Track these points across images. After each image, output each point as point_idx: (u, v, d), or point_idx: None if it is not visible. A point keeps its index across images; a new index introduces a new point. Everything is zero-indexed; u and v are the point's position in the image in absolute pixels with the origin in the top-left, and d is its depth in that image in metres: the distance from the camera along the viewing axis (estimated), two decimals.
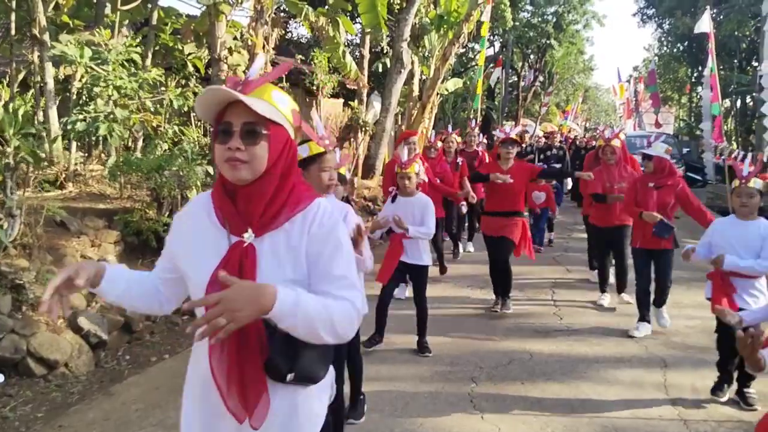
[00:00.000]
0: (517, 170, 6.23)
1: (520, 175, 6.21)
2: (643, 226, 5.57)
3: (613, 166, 6.56)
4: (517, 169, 6.26)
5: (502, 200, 6.19)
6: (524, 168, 6.43)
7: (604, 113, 61.16)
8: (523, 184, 6.31)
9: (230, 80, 1.59)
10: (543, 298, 7.11)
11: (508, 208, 6.20)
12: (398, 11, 13.67)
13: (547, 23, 28.85)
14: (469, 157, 9.00)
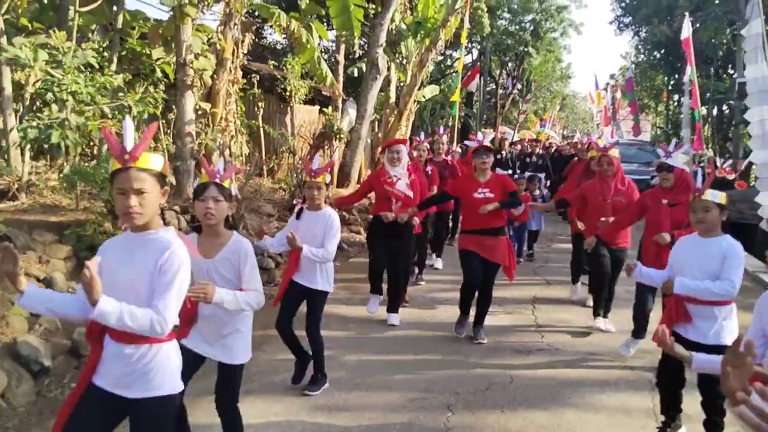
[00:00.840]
0: (494, 183, 5.64)
1: (499, 187, 5.62)
2: (655, 251, 4.88)
3: (609, 178, 5.94)
4: (494, 181, 5.66)
5: (482, 216, 5.50)
6: (501, 180, 5.78)
7: (581, 121, 61.48)
8: (504, 196, 5.72)
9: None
10: (523, 313, 6.78)
11: (492, 224, 5.58)
12: (373, 16, 13.34)
13: (524, 31, 28.83)
14: (438, 166, 8.29)
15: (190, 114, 8.83)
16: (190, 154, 8.74)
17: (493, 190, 5.55)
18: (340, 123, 13.09)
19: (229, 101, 10.35)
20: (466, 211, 5.82)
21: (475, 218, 5.58)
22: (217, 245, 3.08)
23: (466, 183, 5.77)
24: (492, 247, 5.62)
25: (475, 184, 5.62)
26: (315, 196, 4.46)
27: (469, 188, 5.63)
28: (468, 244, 5.68)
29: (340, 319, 6.29)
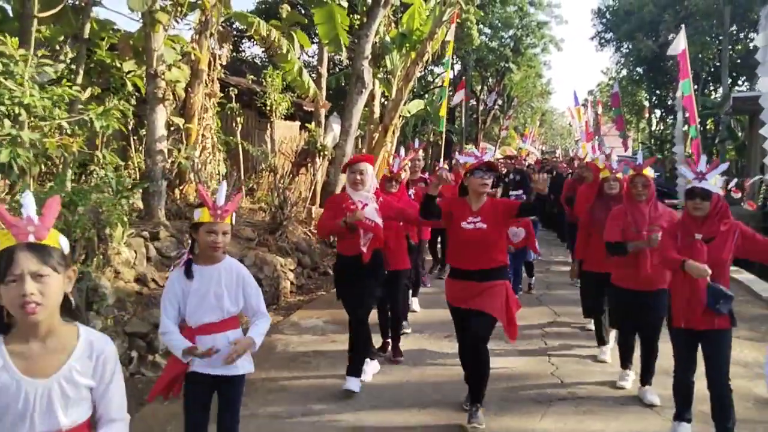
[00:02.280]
0: (489, 211, 4.30)
1: (497, 216, 4.30)
2: (687, 294, 3.91)
3: (642, 204, 4.78)
4: (490, 209, 4.31)
5: (473, 254, 4.25)
6: (501, 206, 4.40)
7: (559, 137, 61.66)
8: (502, 229, 4.44)
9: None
10: (535, 350, 6.09)
11: (484, 265, 4.24)
12: (358, 27, 12.70)
13: (505, 47, 28.58)
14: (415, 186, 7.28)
15: (162, 130, 8.06)
16: (161, 174, 7.97)
17: (486, 219, 4.25)
18: (324, 139, 12.39)
19: (205, 116, 9.60)
20: (452, 245, 4.53)
21: (461, 255, 4.34)
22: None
23: (454, 207, 4.43)
24: (476, 295, 4.25)
25: (465, 210, 4.33)
26: (218, 243, 3.11)
27: (458, 215, 4.33)
28: (454, 296, 4.43)
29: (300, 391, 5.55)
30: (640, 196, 4.81)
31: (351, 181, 4.89)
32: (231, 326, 3.18)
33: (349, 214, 4.92)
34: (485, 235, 4.24)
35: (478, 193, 4.31)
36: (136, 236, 6.76)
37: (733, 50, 24.30)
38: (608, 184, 5.62)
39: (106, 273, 5.76)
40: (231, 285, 3.16)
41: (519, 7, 28.01)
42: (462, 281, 4.34)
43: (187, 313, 3.13)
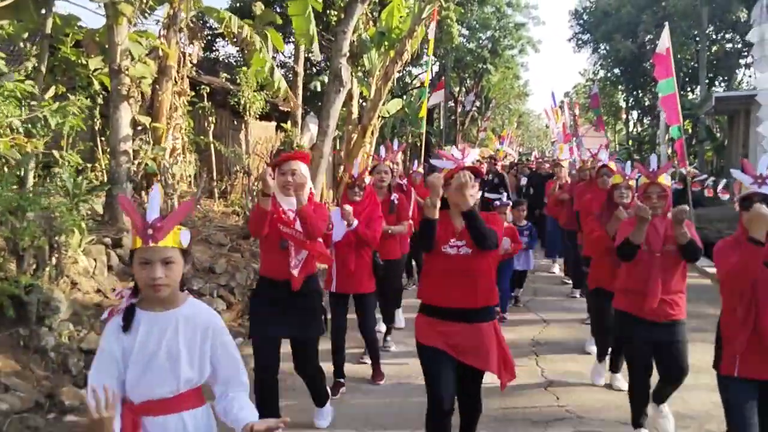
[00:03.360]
0: None
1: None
2: (747, 336, 2.99)
3: (657, 218, 3.86)
4: None
5: (456, 288, 3.26)
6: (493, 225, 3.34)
7: (536, 138, 61.85)
8: (492, 257, 3.41)
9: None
10: (526, 365, 5.69)
11: (470, 302, 3.26)
12: (336, 23, 12.29)
13: (483, 48, 28.41)
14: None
15: (127, 129, 7.56)
16: (126, 176, 7.47)
17: (472, 243, 3.27)
18: (300, 139, 11.94)
19: (175, 115, 9.12)
20: (428, 276, 3.45)
21: (440, 289, 3.31)
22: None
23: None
24: (471, 343, 3.26)
25: (447, 229, 3.31)
26: (156, 280, 2.07)
27: (437, 236, 3.26)
28: (429, 336, 3.34)
29: None
30: (655, 210, 3.85)
31: (280, 184, 3.78)
32: (190, 404, 2.21)
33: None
34: (471, 264, 3.24)
35: (458, 206, 3.22)
36: (96, 243, 6.27)
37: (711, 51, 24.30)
38: (619, 192, 4.78)
39: (60, 284, 5.26)
40: (194, 342, 2.19)
41: (496, 8, 27.84)
42: (439, 322, 3.30)
43: (127, 382, 2.13)
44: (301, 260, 3.83)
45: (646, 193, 3.93)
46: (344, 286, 4.93)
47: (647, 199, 3.89)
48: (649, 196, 3.90)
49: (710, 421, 4.38)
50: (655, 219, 3.84)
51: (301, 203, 3.68)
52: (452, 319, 3.27)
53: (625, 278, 4.06)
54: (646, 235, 3.80)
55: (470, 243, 3.24)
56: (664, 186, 3.93)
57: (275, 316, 3.80)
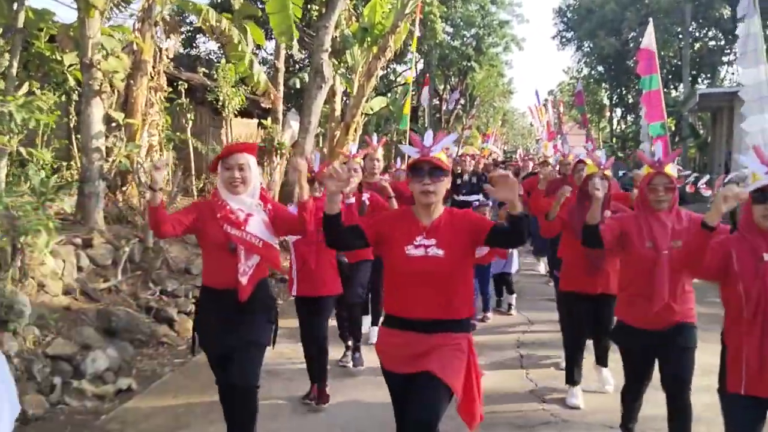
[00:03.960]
0: (450, 228, 2.85)
1: (460, 237, 2.84)
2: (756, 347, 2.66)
3: (662, 214, 3.48)
4: (449, 225, 2.86)
5: (423, 296, 2.78)
6: (465, 222, 2.90)
7: (521, 136, 61.95)
8: (467, 259, 2.90)
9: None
10: (510, 365, 5.56)
11: (439, 312, 2.78)
12: (317, 18, 12.09)
13: (467, 46, 28.35)
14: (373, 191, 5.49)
15: (99, 125, 7.34)
16: (99, 174, 7.24)
17: (444, 242, 2.79)
18: (281, 136, 11.73)
19: (151, 112, 8.88)
20: (390, 281, 2.94)
21: (405, 296, 2.82)
22: None
23: (392, 224, 2.94)
24: (434, 354, 2.74)
25: (411, 227, 2.85)
26: None
27: (399, 235, 2.85)
28: (392, 356, 2.87)
29: None
30: (661, 204, 3.46)
31: (226, 180, 3.33)
32: None
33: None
34: (442, 267, 2.76)
35: (425, 204, 2.82)
36: (65, 244, 6.04)
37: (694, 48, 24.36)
38: (593, 183, 4.14)
39: (25, 287, 5.04)
40: None
41: (481, 6, 27.77)
42: (405, 334, 2.80)
43: None
44: (252, 266, 3.33)
45: (650, 185, 3.48)
46: (306, 288, 4.48)
47: (653, 192, 3.47)
48: (655, 189, 3.46)
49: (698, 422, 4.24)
50: (662, 214, 3.48)
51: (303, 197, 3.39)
52: (419, 331, 2.77)
53: (627, 282, 3.64)
54: (651, 231, 3.46)
55: (441, 242, 2.78)
56: (672, 177, 3.51)
57: (222, 332, 3.32)
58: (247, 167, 3.35)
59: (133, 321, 5.82)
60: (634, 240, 3.51)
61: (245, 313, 3.32)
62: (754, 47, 6.96)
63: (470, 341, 2.85)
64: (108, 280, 6.27)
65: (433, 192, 2.78)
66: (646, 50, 12.98)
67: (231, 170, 3.31)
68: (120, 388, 4.94)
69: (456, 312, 2.81)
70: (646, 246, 3.46)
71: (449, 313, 2.80)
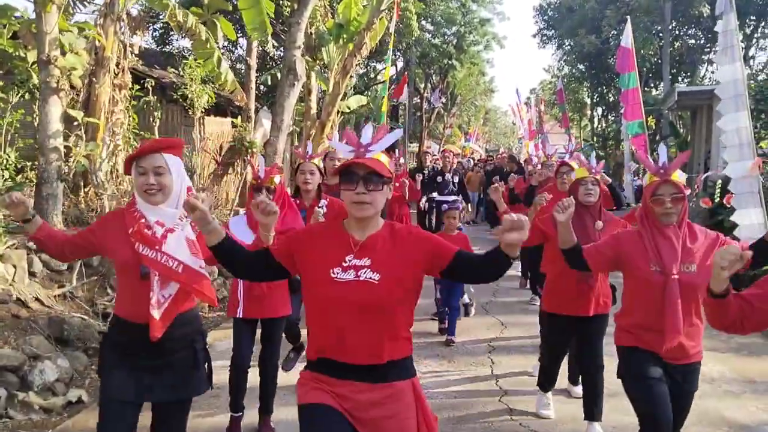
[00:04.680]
0: (390, 246, 2.27)
1: (404, 260, 2.24)
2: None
3: (670, 229, 2.97)
4: (390, 242, 2.28)
5: (355, 333, 2.18)
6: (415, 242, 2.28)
7: (503, 135, 62.02)
8: (410, 285, 2.25)
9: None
10: (481, 370, 5.37)
11: (374, 355, 2.20)
12: (289, 14, 11.84)
13: (448, 44, 28.24)
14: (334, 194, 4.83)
15: (57, 124, 7.05)
16: (57, 174, 6.96)
17: (381, 264, 2.21)
18: (253, 135, 11.47)
19: (115, 110, 8.59)
20: (313, 314, 2.30)
21: (331, 333, 2.22)
22: None
23: (314, 241, 2.34)
24: (377, 412, 2.22)
25: (339, 245, 2.28)
26: None
27: (322, 255, 2.28)
28: (313, 393, 2.26)
29: None
30: (669, 217, 2.94)
31: (140, 187, 2.66)
32: None
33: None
34: (377, 296, 2.16)
35: (360, 218, 2.24)
36: (18, 248, 5.76)
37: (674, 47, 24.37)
38: (585, 189, 3.91)
39: None
40: None
41: (462, 3, 27.65)
42: (333, 382, 2.24)
43: None
44: (169, 296, 2.64)
45: (655, 196, 2.92)
46: (253, 310, 3.92)
47: (658, 203, 2.91)
48: (660, 199, 2.91)
49: None
50: (670, 229, 2.94)
51: None
52: (351, 377, 2.21)
53: (632, 311, 3.09)
54: (657, 250, 2.93)
55: (376, 264, 2.20)
56: (680, 185, 2.95)
57: (132, 374, 2.64)
58: (166, 170, 2.67)
59: (87, 329, 5.55)
60: (637, 262, 2.98)
61: (162, 355, 2.65)
62: (730, 44, 6.85)
63: (416, 387, 2.30)
64: (63, 286, 6.00)
65: (369, 203, 2.20)
66: (624, 48, 12.92)
67: (145, 175, 2.65)
68: (70, 401, 4.69)
69: (398, 351, 2.24)
70: (652, 269, 2.93)
71: (390, 353, 2.21)
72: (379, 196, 2.23)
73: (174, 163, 2.72)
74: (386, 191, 2.26)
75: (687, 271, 2.90)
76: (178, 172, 2.73)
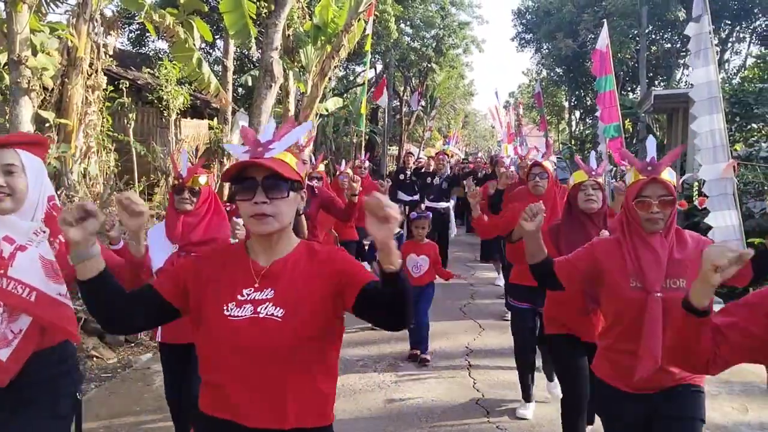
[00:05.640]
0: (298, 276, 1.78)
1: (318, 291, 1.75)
2: None
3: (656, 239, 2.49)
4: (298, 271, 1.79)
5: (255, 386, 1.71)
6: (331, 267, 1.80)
7: (482, 138, 62.24)
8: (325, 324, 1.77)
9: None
10: (458, 374, 5.34)
11: (271, 419, 1.70)
12: (266, 16, 11.76)
13: (427, 47, 28.30)
14: None
15: (27, 125, 6.94)
16: None
17: (286, 297, 1.74)
18: (230, 137, 11.37)
19: (88, 111, 8.45)
20: (204, 362, 1.82)
21: (224, 388, 1.74)
22: None
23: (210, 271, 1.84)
24: None
25: (237, 273, 1.81)
26: None
27: (217, 288, 1.80)
28: None
29: None
30: (655, 224, 2.44)
31: None
32: None
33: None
34: (279, 338, 1.70)
35: (262, 243, 1.81)
36: None
37: (650, 50, 24.62)
38: (585, 194, 3.32)
39: None
40: None
41: (441, 6, 27.71)
42: None
43: None
44: (19, 332, 2.07)
45: (639, 197, 2.45)
46: (173, 333, 3.32)
47: (642, 206, 2.44)
48: (646, 202, 2.43)
49: None
50: (655, 238, 2.46)
51: None
52: None
53: (608, 331, 2.63)
54: (638, 263, 2.45)
55: (285, 296, 1.72)
56: (670, 185, 2.46)
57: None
58: (20, 170, 2.12)
59: None
60: (613, 276, 2.51)
61: (12, 405, 2.07)
62: (705, 46, 6.89)
63: None
64: None
65: (272, 216, 1.71)
66: (600, 51, 12.96)
67: None
68: None
69: (310, 414, 1.74)
70: (631, 286, 2.45)
71: (297, 417, 1.71)
72: (285, 205, 1.74)
73: (33, 164, 2.17)
74: (294, 199, 1.78)
75: (673, 287, 2.41)
76: (37, 175, 2.18)
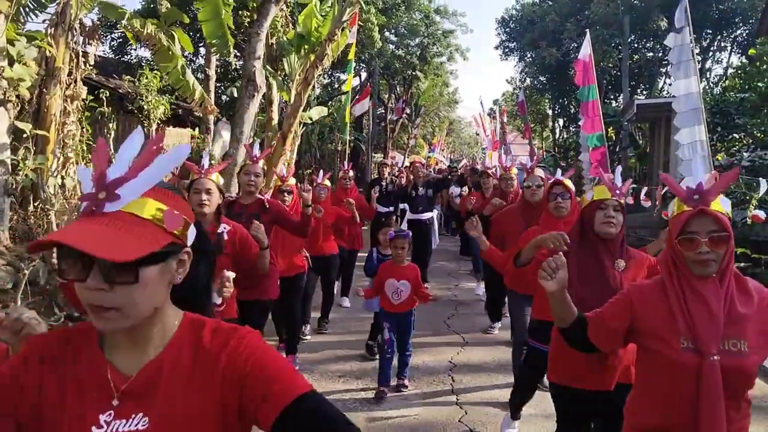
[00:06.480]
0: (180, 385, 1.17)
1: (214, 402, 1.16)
2: None
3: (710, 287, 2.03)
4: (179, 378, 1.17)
5: None
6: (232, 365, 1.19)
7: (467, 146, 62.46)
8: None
9: None
10: (441, 390, 5.27)
11: None
12: (249, 25, 11.68)
13: (411, 55, 28.39)
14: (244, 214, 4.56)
15: (3, 137, 6.79)
16: (3, 189, 6.69)
17: (175, 422, 1.14)
18: (212, 147, 11.26)
19: (67, 122, 8.31)
20: None
21: None
22: None
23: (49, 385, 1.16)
24: None
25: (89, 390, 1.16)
26: None
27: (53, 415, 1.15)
28: None
29: None
30: (706, 266, 1.99)
31: None
32: None
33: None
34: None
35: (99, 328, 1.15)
36: None
37: (633, 59, 24.81)
38: (604, 214, 2.80)
39: None
40: None
41: (425, 15, 27.79)
42: None
43: None
44: None
45: (685, 234, 2.00)
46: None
47: (689, 245, 1.98)
48: (693, 239, 1.98)
49: None
50: (707, 285, 2.00)
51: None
52: None
53: (649, 405, 2.11)
54: (689, 317, 1.99)
55: (162, 420, 1.14)
56: (722, 218, 2.00)
57: None
58: None
59: None
60: (659, 332, 2.05)
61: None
62: (686, 58, 6.92)
63: None
64: (6, 305, 5.72)
65: (117, 308, 1.10)
66: (583, 61, 13.02)
67: None
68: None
69: None
70: (681, 346, 1.99)
71: None
72: (137, 293, 1.11)
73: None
74: (158, 276, 1.14)
75: (733, 349, 1.96)
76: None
